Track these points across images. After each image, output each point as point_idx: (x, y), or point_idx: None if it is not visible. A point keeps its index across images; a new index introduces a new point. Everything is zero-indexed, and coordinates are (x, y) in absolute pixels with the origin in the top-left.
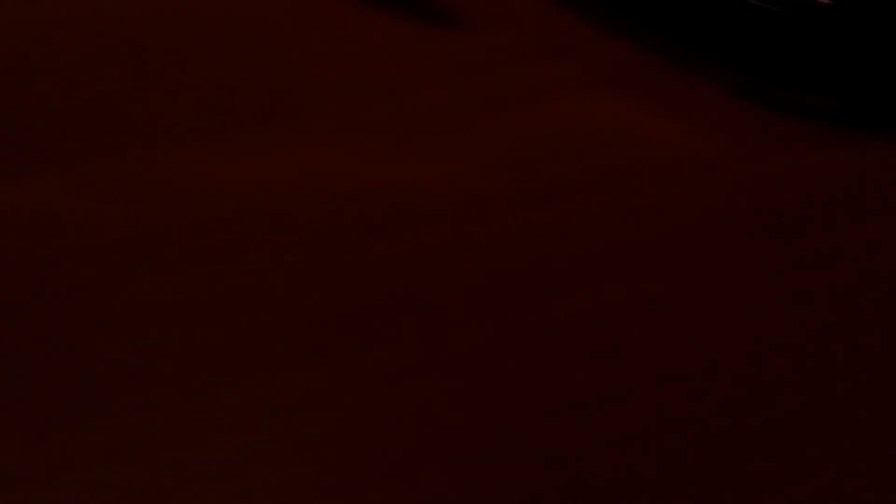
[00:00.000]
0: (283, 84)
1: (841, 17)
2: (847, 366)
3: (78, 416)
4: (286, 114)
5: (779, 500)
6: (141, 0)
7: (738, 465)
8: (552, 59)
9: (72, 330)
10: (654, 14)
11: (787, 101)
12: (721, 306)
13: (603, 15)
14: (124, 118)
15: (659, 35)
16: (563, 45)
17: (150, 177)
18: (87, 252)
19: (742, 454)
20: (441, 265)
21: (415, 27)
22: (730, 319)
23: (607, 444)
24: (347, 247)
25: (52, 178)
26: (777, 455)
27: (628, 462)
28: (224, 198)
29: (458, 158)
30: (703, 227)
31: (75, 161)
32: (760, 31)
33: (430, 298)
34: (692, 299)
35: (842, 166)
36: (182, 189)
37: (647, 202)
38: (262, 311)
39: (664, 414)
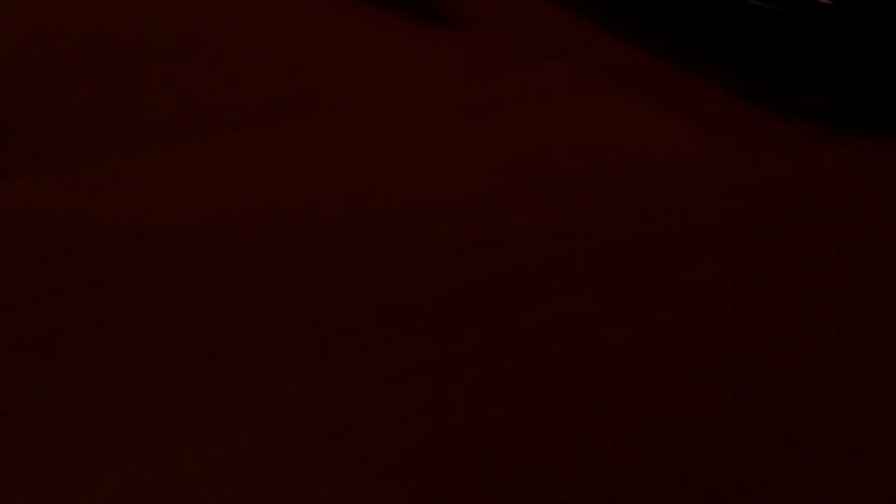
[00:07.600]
0: (283, 84)
1: (841, 16)
2: (846, 365)
3: (78, 416)
4: (286, 113)
5: (777, 501)
6: None
7: (736, 465)
8: (551, 58)
9: (71, 330)
10: (653, 14)
11: (787, 101)
12: (721, 305)
13: (602, 15)
14: (124, 118)
15: (659, 35)
16: (563, 44)
17: (151, 177)
18: (86, 252)
19: (740, 454)
20: (441, 265)
21: (415, 27)
22: (730, 318)
23: (608, 444)
24: (347, 246)
25: (51, 178)
26: (775, 455)
27: (629, 462)
28: (224, 198)
29: (458, 158)
30: (703, 226)
31: (75, 161)
32: (760, 31)
33: (430, 298)
34: (692, 299)
35: (842, 166)
36: (182, 189)
37: (647, 202)
38: (262, 310)
39: (665, 414)
